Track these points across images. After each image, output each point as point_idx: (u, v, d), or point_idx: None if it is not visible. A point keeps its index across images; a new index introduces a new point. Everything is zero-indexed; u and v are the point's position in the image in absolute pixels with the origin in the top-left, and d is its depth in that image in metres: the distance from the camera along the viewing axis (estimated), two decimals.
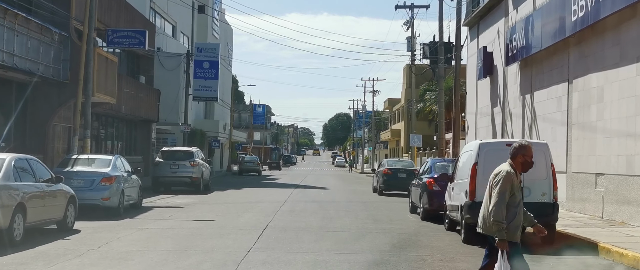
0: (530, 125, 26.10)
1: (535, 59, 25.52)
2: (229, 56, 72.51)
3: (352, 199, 28.92)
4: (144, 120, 40.67)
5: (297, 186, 40.02)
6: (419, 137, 42.46)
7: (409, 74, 68.16)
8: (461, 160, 16.01)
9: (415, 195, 21.52)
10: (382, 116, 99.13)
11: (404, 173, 32.59)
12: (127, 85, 34.99)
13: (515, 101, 28.18)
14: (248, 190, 34.04)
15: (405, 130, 68.33)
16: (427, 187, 19.61)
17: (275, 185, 41.29)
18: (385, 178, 32.33)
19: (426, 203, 19.61)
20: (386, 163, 33.63)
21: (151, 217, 19.20)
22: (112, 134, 37.42)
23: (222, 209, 22.44)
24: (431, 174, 20.19)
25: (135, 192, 21.30)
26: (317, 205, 24.54)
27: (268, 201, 26.21)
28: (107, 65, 27.97)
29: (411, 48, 42.49)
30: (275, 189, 35.83)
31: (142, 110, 38.25)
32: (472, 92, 35.92)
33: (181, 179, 30.42)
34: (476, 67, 33.97)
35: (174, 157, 30.76)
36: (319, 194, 31.86)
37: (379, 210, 23.37)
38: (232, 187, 36.92)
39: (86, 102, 24.88)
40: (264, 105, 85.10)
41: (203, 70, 43.22)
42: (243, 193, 31.52)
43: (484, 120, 33.10)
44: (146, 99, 39.06)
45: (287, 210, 22.17)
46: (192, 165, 30.35)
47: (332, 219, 19.59)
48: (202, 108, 61.39)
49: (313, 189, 36.95)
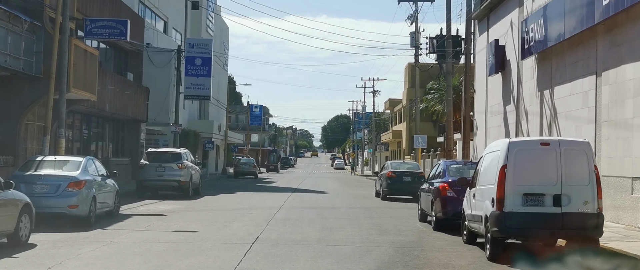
0: (550, 124, 23.76)
1: (555, 51, 23.18)
2: (225, 55, 70.14)
3: (353, 205, 26.57)
4: (132, 120, 38.31)
5: (294, 190, 37.65)
6: (424, 137, 40.12)
7: (411, 72, 65.85)
8: (484, 163, 13.67)
9: (425, 202, 19.17)
10: (382, 117, 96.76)
11: (409, 176, 30.23)
12: (112, 82, 32.63)
13: (531, 98, 25.85)
14: (241, 195, 31.66)
15: (407, 131, 66.00)
16: (441, 193, 17.26)
17: (272, 189, 38.93)
18: (389, 182, 29.98)
19: (439, 211, 17.26)
20: (390, 165, 31.27)
21: (126, 228, 16.84)
22: (97, 134, 35.06)
23: (208, 217, 20.08)
24: (445, 178, 17.83)
25: (110, 198, 18.94)
26: (315, 213, 22.19)
27: (261, 207, 23.86)
28: (87, 59, 25.60)
29: (415, 43, 40.12)
30: (271, 194, 33.46)
31: (129, 109, 35.89)
32: (482, 89, 33.59)
33: (168, 183, 28.06)
34: (486, 63, 31.65)
35: (161, 159, 28.40)
36: (318, 199, 29.50)
37: (384, 218, 21.01)
38: (225, 191, 34.54)
39: (60, 98, 22.52)
40: (261, 105, 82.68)
41: (195, 67, 40.83)
42: (235, 198, 29.15)
43: (495, 120, 30.77)
44: (133, 97, 36.70)
45: (282, 218, 19.81)
46: (179, 168, 27.99)
47: (332, 229, 17.23)
48: (196, 108, 58.98)
49: (311, 193, 34.58)
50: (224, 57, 69.47)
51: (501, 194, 12.09)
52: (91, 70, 26.07)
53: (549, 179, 12.05)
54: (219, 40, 66.13)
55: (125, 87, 35.19)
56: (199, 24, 54.15)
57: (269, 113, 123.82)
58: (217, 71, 64.34)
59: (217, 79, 64.49)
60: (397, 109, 73.61)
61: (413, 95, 62.95)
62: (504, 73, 29.47)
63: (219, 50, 65.79)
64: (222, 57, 67.96)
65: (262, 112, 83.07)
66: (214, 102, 62.51)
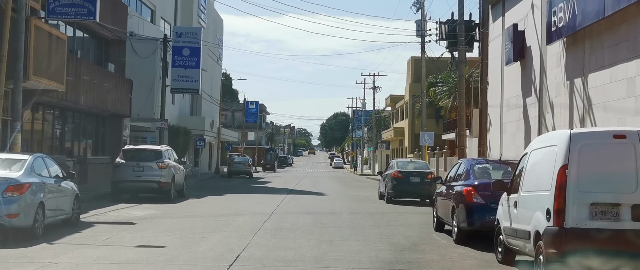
0: (582, 117, 20.64)
1: (590, 32, 20.07)
2: (219, 49, 67.04)
3: (355, 209, 23.45)
4: (113, 115, 35.17)
5: (290, 191, 34.54)
6: (431, 134, 37.00)
7: (415, 67, 62.78)
8: (530, 161, 10.57)
9: (443, 209, 16.07)
10: (382, 114, 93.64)
11: (417, 177, 27.14)
12: (88, 72, 29.49)
13: (558, 88, 22.76)
14: (231, 197, 28.54)
15: (410, 129, 62.93)
16: (465, 198, 14.15)
17: (266, 190, 35.80)
18: (395, 183, 26.88)
19: (463, 221, 14.15)
20: (396, 164, 28.16)
21: (79, 241, 13.73)
22: (73, 130, 31.92)
23: (186, 226, 16.95)
24: (469, 180, 14.70)
25: (67, 204, 15.81)
26: (312, 219, 19.09)
27: (250, 213, 20.74)
28: (52, 43, 22.47)
29: (421, 32, 37.01)
30: (264, 196, 30.34)
31: (108, 103, 32.75)
32: (496, 81, 30.49)
33: (146, 184, 24.95)
34: (502, 51, 28.54)
35: (138, 157, 25.29)
36: (315, 202, 26.39)
37: (393, 226, 17.91)
38: (214, 192, 31.41)
39: (16, 87, 19.39)
40: (256, 102, 79.42)
41: (182, 58, 37.68)
42: (223, 201, 26.03)
43: (513, 114, 27.67)
44: (114, 90, 33.56)
45: (272, 227, 16.69)
46: (160, 168, 24.87)
47: (332, 243, 14.12)
48: (188, 104, 55.85)
49: (308, 195, 31.46)
50: (218, 51, 66.39)
51: (560, 203, 8.99)
52: (58, 57, 22.93)
53: (625, 183, 8.97)
54: (213, 33, 63.04)
55: (104, 79, 32.05)
56: (190, 14, 51.01)
57: (266, 110, 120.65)
58: (211, 66, 61.25)
59: (210, 73, 61.42)
60: (399, 105, 70.53)
61: (416, 91, 59.86)
62: (524, 61, 26.38)
63: (213, 43, 62.68)
64: (216, 50, 64.89)
65: (258, 109, 79.84)
66: (207, 98, 59.40)
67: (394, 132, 68.51)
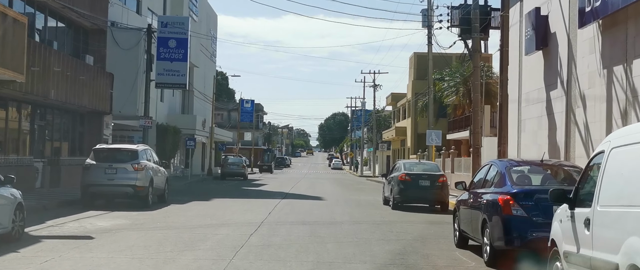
0: (625, 110, 17.65)
1: (635, 11, 17.11)
2: (213, 45, 64.06)
3: (358, 218, 20.45)
4: (92, 112, 32.18)
5: (285, 195, 31.53)
6: (438, 133, 33.98)
7: (418, 64, 59.84)
8: (611, 163, 7.54)
9: (469, 221, 13.06)
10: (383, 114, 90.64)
11: (427, 180, 24.14)
12: (59, 63, 26.51)
13: (591, 78, 19.77)
14: (218, 203, 25.53)
15: (413, 128, 59.95)
16: (502, 210, 11.14)
17: (259, 194, 32.78)
18: (402, 187, 23.88)
19: (500, 238, 11.15)
20: (402, 166, 25.13)
21: (8, 265, 10.73)
22: (43, 128, 28.90)
23: (154, 241, 13.94)
24: (505, 187, 11.66)
25: (5, 216, 12.80)
26: (307, 232, 16.09)
27: (236, 223, 17.73)
28: (7, 26, 19.46)
29: (428, 23, 34.00)
30: (256, 200, 27.32)
31: (85, 98, 29.76)
32: (513, 73, 27.52)
33: (120, 189, 21.94)
34: (521, 39, 25.58)
35: (111, 158, 22.28)
36: (313, 209, 23.38)
37: (405, 241, 14.91)
38: (200, 197, 28.40)
39: None
40: (252, 100, 76.22)
41: (168, 50, 34.64)
42: (208, 208, 22.99)
43: (534, 109, 24.69)
44: (92, 84, 30.56)
45: (259, 244, 13.69)
46: (135, 169, 21.86)
47: (332, 266, 11.14)
48: (178, 101, 52.85)
49: (305, 200, 28.45)
50: (212, 47, 63.39)
51: None
52: (15, 42, 19.92)
53: None
54: (206, 27, 60.06)
55: (79, 71, 29.05)
56: (180, 6, 48.00)
57: (262, 110, 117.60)
58: (204, 62, 58.29)
59: (203, 70, 58.44)
60: (401, 103, 67.51)
61: (419, 88, 56.90)
62: (547, 50, 23.41)
63: (206, 39, 59.67)
64: (210, 46, 61.91)
65: (253, 107, 76.72)
66: (199, 95, 56.39)
67: (396, 131, 65.49)
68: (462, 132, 45.31)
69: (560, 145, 22.15)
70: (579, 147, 20.66)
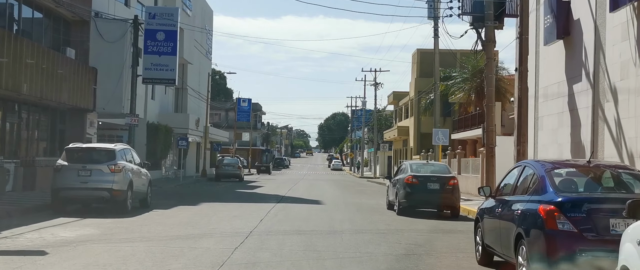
0: None
1: None
2: (208, 41, 61.82)
3: (361, 226, 18.17)
4: (74, 109, 29.96)
5: (281, 199, 29.26)
6: (445, 132, 31.71)
7: (420, 61, 57.63)
8: None
9: (496, 235, 10.79)
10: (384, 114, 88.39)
11: (436, 183, 21.87)
12: (33, 55, 24.28)
13: (624, 68, 17.51)
14: (206, 208, 23.26)
15: (416, 127, 57.69)
16: (544, 223, 8.85)
17: (253, 197, 30.50)
18: (408, 190, 21.63)
19: (541, 258, 8.85)
20: (409, 167, 22.85)
21: None
22: (17, 125, 26.63)
23: (118, 257, 11.67)
24: (546, 194, 9.35)
25: None
26: (303, 243, 13.85)
27: (221, 233, 15.46)
28: None
29: (434, 13, 31.72)
30: (249, 205, 25.02)
31: (64, 94, 27.53)
32: (529, 66, 25.36)
33: (95, 193, 19.70)
34: (540, 28, 23.34)
35: (86, 158, 20.02)
36: (310, 214, 21.11)
37: (417, 255, 12.65)
38: (188, 201, 26.12)
39: None
40: (249, 99, 73.85)
41: (156, 43, 32.35)
42: (194, 214, 20.70)
43: (553, 105, 22.46)
44: (72, 79, 28.31)
45: (244, 260, 11.43)
46: (112, 171, 19.61)
47: None
48: (171, 100, 50.57)
49: (302, 204, 26.19)
50: (207, 43, 61.13)
51: None
52: None
53: None
54: (200, 22, 57.78)
55: (58, 65, 26.81)
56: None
57: (260, 109, 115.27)
58: (198, 59, 56.06)
59: (197, 67, 56.21)
60: (403, 102, 65.22)
61: (422, 86, 54.66)
62: (570, 39, 21.17)
63: (200, 35, 57.43)
64: (205, 43, 59.67)
65: (250, 106, 74.33)
66: (194, 93, 54.13)
67: (398, 131, 63.20)
68: (468, 132, 43.04)
69: (586, 144, 19.89)
70: (609, 147, 18.40)
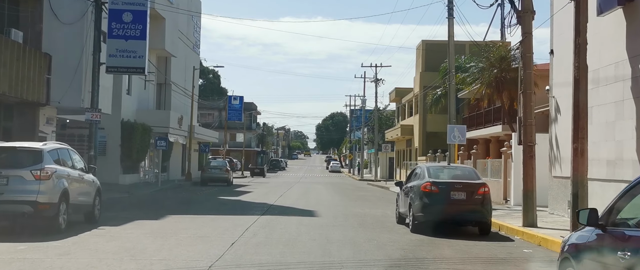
0: None
1: None
2: (195, 33, 57.08)
3: (368, 254, 13.35)
4: (23, 103, 25.18)
5: (268, 208, 24.48)
6: (462, 128, 26.91)
7: (426, 52, 52.94)
8: None
9: None
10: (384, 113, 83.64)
11: (462, 191, 17.05)
12: None
13: None
14: (168, 224, 18.45)
15: (421, 126, 52.95)
16: None
17: (235, 208, 25.66)
18: (427, 201, 16.87)
19: None
20: (426, 172, 17.96)
21: None
22: None
23: None
24: None
25: None
26: None
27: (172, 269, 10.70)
28: None
29: None
30: (225, 219, 20.20)
31: (5, 84, 22.75)
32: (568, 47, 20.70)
33: (12, 207, 14.87)
34: None
35: (2, 162, 15.21)
36: (299, 235, 16.31)
37: None
38: (150, 214, 21.31)
39: None
40: (241, 97, 68.87)
41: (123, 25, 27.52)
42: (146, 234, 15.85)
43: (608, 92, 17.72)
44: (18, 66, 23.53)
45: None
46: (37, 178, 14.83)
47: None
48: (152, 96, 45.74)
49: (292, 217, 21.39)
50: (194, 36, 56.36)
51: None
52: None
53: None
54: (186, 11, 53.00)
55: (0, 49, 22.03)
56: None
57: (256, 109, 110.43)
58: (184, 52, 51.31)
59: (183, 61, 51.46)
60: (407, 99, 60.45)
61: (428, 80, 49.97)
62: (633, 6, 16.43)
63: (186, 26, 52.68)
64: (192, 35, 54.91)
65: (242, 104, 69.41)
66: (178, 90, 49.35)
67: (401, 130, 58.43)
68: (482, 130, 38.31)
69: None
70: None
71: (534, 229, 16.95)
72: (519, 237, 16.75)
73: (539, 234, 15.82)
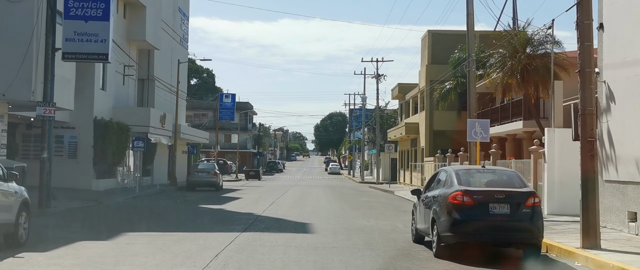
0: None
1: None
2: (183, 26, 52.85)
3: None
4: None
5: (253, 221, 20.18)
6: (485, 123, 22.63)
7: (432, 43, 48.66)
8: None
9: None
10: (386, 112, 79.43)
11: (504, 203, 12.71)
12: None
13: None
14: (114, 249, 14.11)
15: (428, 124, 48.66)
16: None
17: (212, 221, 21.27)
18: (457, 217, 12.60)
19: None
20: (454, 177, 13.61)
21: None
22: None
23: None
24: None
25: None
26: None
27: None
28: None
29: None
30: (193, 238, 15.86)
31: None
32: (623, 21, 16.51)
33: None
34: None
35: None
36: (285, 265, 12.03)
37: None
38: (101, 232, 17.01)
39: None
40: (233, 95, 64.48)
41: (82, 3, 23.14)
42: (80, 265, 11.58)
43: None
44: None
45: None
46: None
47: None
48: (132, 93, 41.41)
49: (280, 234, 17.06)
50: (182, 29, 52.14)
51: None
52: None
53: None
54: (174, 5, 48.85)
55: None
56: None
57: (251, 109, 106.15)
58: (169, 44, 47.11)
59: (168, 55, 47.21)
60: (411, 95, 56.14)
61: (435, 74, 45.71)
62: None
63: (171, 17, 48.48)
64: (179, 28, 50.70)
65: (234, 103, 65.03)
66: (163, 86, 45.10)
67: (406, 129, 54.11)
68: (497, 127, 34.11)
69: None
70: None
71: (600, 253, 12.70)
72: (582, 264, 12.51)
73: (613, 262, 11.56)
